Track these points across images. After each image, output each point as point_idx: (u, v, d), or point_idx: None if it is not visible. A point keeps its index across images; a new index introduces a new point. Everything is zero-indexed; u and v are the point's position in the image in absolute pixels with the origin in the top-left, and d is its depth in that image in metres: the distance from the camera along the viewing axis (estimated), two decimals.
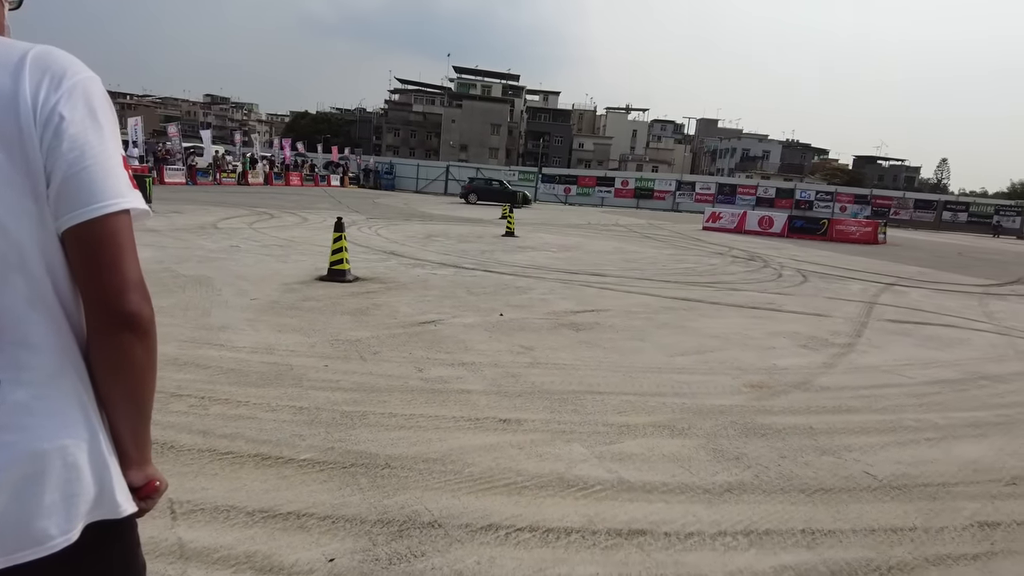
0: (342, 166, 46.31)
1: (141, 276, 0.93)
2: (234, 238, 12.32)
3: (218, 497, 2.86)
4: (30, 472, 0.84)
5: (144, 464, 1.02)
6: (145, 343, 0.93)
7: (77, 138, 0.86)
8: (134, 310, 0.91)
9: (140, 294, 0.92)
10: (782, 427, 4.17)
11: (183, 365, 4.63)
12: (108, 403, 0.95)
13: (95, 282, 0.89)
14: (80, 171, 0.86)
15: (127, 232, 0.92)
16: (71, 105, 0.86)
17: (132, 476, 0.99)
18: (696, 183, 47.38)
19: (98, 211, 0.87)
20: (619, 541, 2.70)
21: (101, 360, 0.92)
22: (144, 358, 0.94)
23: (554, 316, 7.13)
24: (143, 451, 1.01)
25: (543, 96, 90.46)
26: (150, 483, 1.02)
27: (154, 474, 1.03)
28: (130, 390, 0.95)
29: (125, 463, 0.98)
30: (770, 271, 13.07)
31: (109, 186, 0.88)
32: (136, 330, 0.92)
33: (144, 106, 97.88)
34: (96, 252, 0.88)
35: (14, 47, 0.87)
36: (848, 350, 6.47)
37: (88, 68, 0.92)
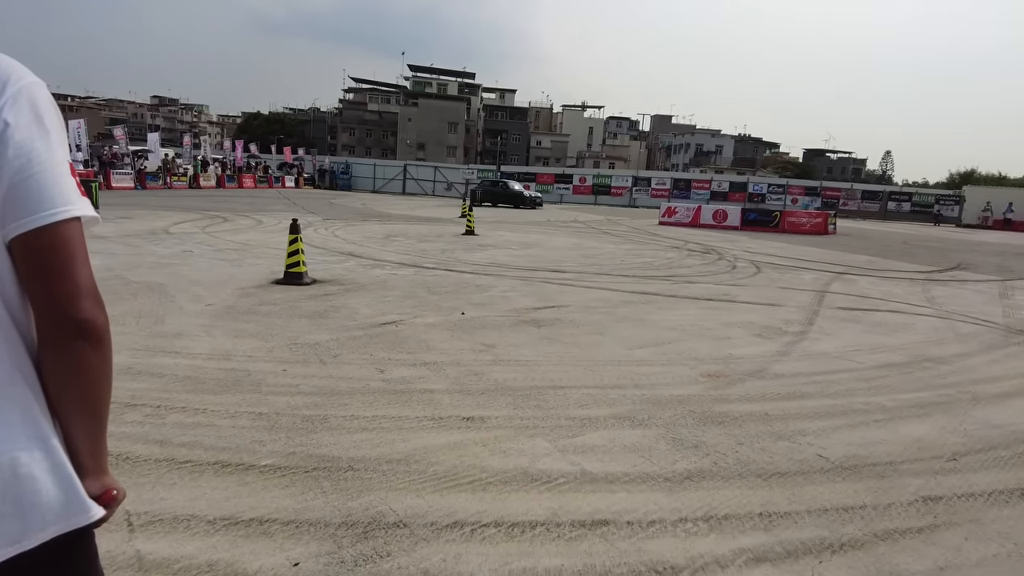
0: (296, 167, 45.51)
1: (94, 283, 0.92)
2: (187, 243, 12.02)
3: (177, 507, 2.81)
4: None
5: (101, 473, 1.00)
6: (100, 351, 0.92)
7: (23, 145, 0.84)
8: (87, 317, 0.90)
9: (93, 301, 0.91)
10: (739, 414, 4.29)
11: (137, 374, 4.51)
12: (62, 413, 0.93)
13: (46, 290, 0.88)
14: (27, 178, 0.84)
15: (78, 239, 0.91)
16: (16, 111, 0.85)
17: (89, 485, 0.97)
18: (652, 179, 48.05)
19: (48, 218, 0.86)
20: (583, 532, 2.75)
21: (54, 370, 0.91)
22: (99, 366, 0.93)
23: (515, 313, 7.17)
24: (99, 460, 1.00)
25: (499, 94, 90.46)
26: (107, 492, 1.01)
27: (111, 483, 1.02)
28: (85, 399, 0.94)
29: (81, 472, 0.96)
30: (725, 263, 13.37)
31: (58, 193, 0.87)
32: (90, 338, 0.91)
33: (87, 108, 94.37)
34: (47, 260, 0.87)
35: None
36: (801, 338, 6.67)
37: (32, 73, 0.90)
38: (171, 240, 12.33)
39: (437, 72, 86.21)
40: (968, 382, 5.39)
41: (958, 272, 14.06)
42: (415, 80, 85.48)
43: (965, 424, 4.37)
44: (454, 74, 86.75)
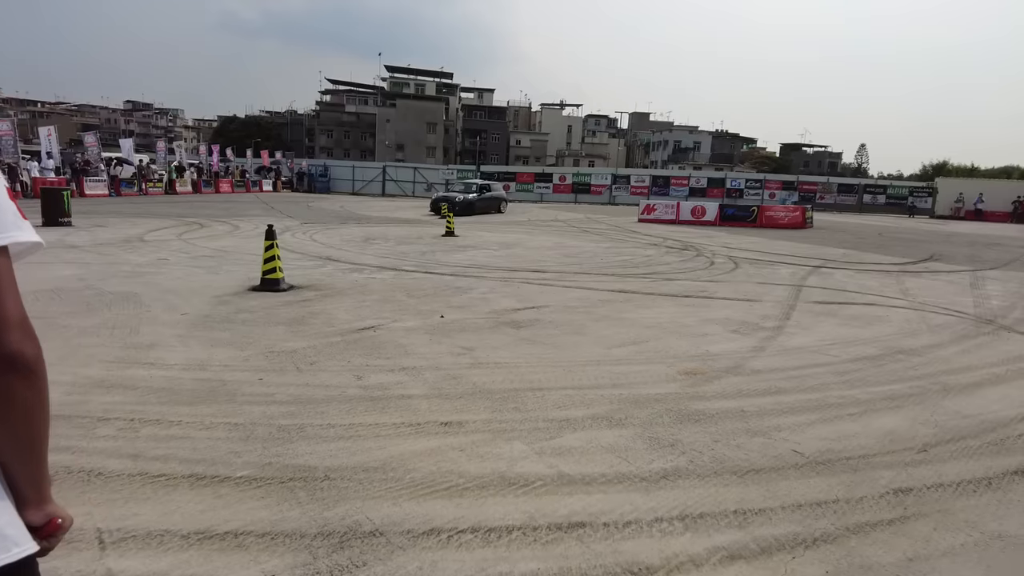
0: (274, 170, 45.08)
1: (22, 313, 0.90)
2: (162, 251, 11.86)
3: (150, 522, 2.78)
4: None
5: (43, 503, 0.99)
6: (30, 382, 0.91)
7: None
8: (14, 350, 0.88)
9: (22, 332, 0.89)
10: (715, 412, 4.33)
11: (110, 387, 4.45)
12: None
13: None
14: None
15: (3, 270, 0.88)
16: None
17: (31, 516, 0.96)
18: (631, 176, 48.21)
19: None
20: (559, 535, 2.76)
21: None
22: (31, 398, 0.91)
23: (495, 315, 7.17)
24: (40, 490, 0.98)
25: (478, 94, 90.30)
26: (51, 522, 1.00)
27: (55, 512, 1.01)
28: (18, 432, 0.92)
29: (22, 503, 0.95)
30: (703, 260, 13.48)
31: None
32: (18, 371, 0.89)
33: (58, 114, 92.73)
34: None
35: None
36: (777, 333, 6.75)
37: None
38: (146, 248, 12.16)
39: (414, 72, 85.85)
40: (940, 373, 5.49)
41: (931, 263, 14.30)
42: (392, 81, 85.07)
43: (936, 415, 4.45)
44: (432, 74, 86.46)
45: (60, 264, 9.78)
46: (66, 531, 1.03)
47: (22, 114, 79.21)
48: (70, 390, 4.34)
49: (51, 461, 2.85)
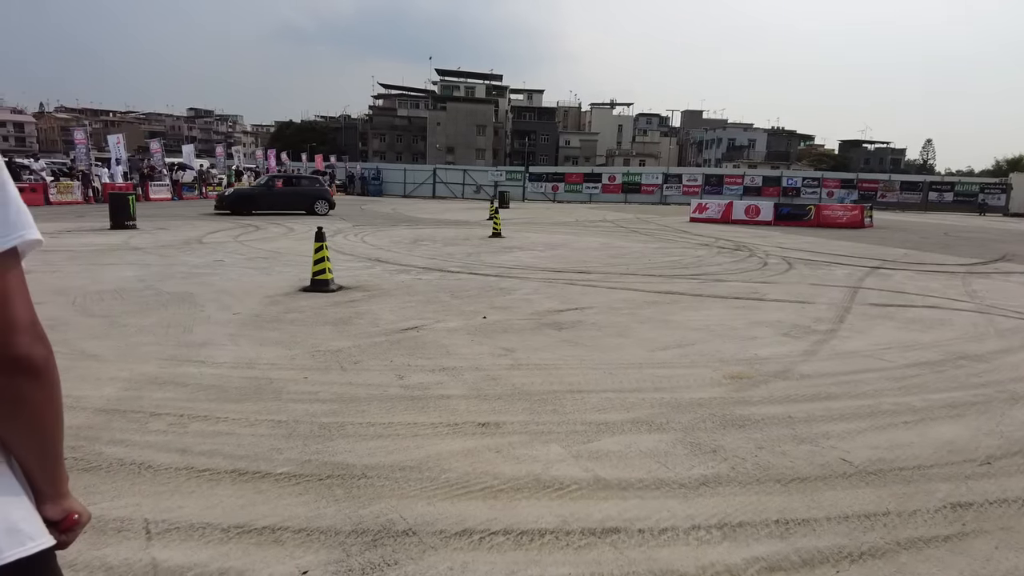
0: (328, 174, 46.19)
1: (32, 317, 0.92)
2: (219, 252, 12.29)
3: (194, 515, 2.86)
4: None
5: (60, 499, 1.02)
6: (40, 384, 0.93)
7: None
8: (23, 353, 0.90)
9: (31, 335, 0.91)
10: (760, 417, 4.20)
11: (163, 384, 4.62)
12: (10, 444, 0.95)
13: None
14: None
15: (12, 274, 0.91)
16: None
17: (48, 511, 0.99)
18: (683, 175, 47.46)
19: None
20: (593, 540, 2.72)
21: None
22: (41, 399, 0.94)
23: (537, 316, 7.14)
24: (57, 486, 1.01)
25: (527, 95, 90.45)
26: (68, 517, 1.03)
27: (72, 507, 1.04)
28: (30, 431, 0.95)
29: (40, 499, 0.98)
30: (755, 260, 13.13)
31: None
32: (28, 372, 0.91)
33: (127, 123, 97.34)
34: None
35: None
36: (830, 336, 6.51)
37: None
38: (204, 250, 12.62)
39: (464, 75, 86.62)
40: (1007, 380, 5.19)
41: (1003, 264, 13.56)
42: (443, 84, 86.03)
43: (1002, 425, 4.20)
44: (481, 76, 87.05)
45: (124, 265, 10.24)
46: (83, 526, 1.06)
47: (95, 123, 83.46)
48: (126, 386, 4.53)
49: (105, 454, 2.99)
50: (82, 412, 3.99)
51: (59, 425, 0.99)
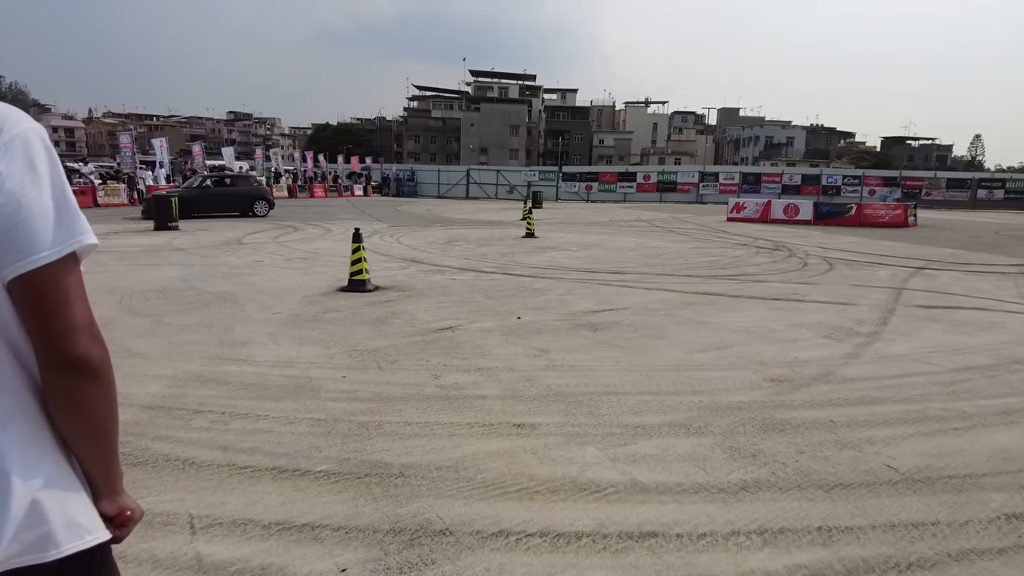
0: (364, 175, 46.77)
1: (89, 318, 0.96)
2: (259, 253, 12.54)
3: (236, 511, 2.93)
4: None
5: (114, 495, 1.05)
6: (97, 384, 0.96)
7: (14, 191, 0.89)
8: (81, 354, 0.94)
9: (88, 336, 0.95)
10: (801, 421, 4.11)
11: (206, 382, 4.73)
12: (69, 442, 0.99)
13: (41, 329, 0.92)
14: (19, 223, 0.89)
15: (71, 276, 0.94)
16: (8, 159, 0.89)
17: (104, 507, 1.03)
18: (720, 174, 46.74)
19: (37, 262, 0.90)
20: (630, 544, 2.69)
21: (54, 403, 0.96)
22: (97, 398, 0.97)
23: (571, 317, 7.12)
24: (112, 483, 1.05)
25: (561, 94, 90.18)
26: (122, 513, 1.06)
27: (126, 504, 1.07)
28: (87, 429, 0.98)
29: (96, 495, 1.02)
30: (795, 260, 12.87)
31: (47, 236, 0.91)
32: (85, 373, 0.95)
33: (170, 126, 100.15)
34: (40, 300, 0.91)
35: None
36: (873, 339, 6.34)
37: (29, 119, 0.94)
38: (244, 250, 12.89)
39: (498, 76, 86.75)
40: None
41: None
42: (477, 85, 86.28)
43: None
44: (515, 77, 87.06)
45: (167, 265, 10.53)
46: (136, 522, 1.10)
47: (140, 128, 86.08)
48: (171, 384, 4.65)
49: (151, 450, 3.07)
50: (129, 408, 4.11)
51: (114, 424, 1.02)
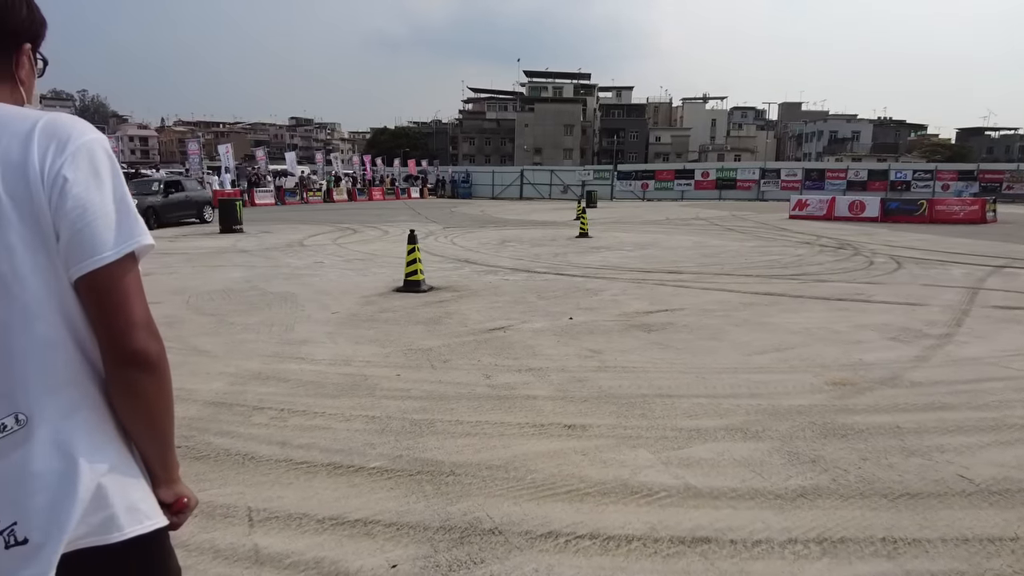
0: (420, 178, 47.51)
1: (148, 315, 1.01)
2: (319, 254, 12.89)
3: (292, 505, 3.01)
4: (60, 496, 0.94)
5: (172, 483, 1.11)
6: (154, 377, 1.02)
7: (80, 197, 0.95)
8: (140, 348, 0.99)
9: (147, 332, 1.00)
10: (865, 427, 3.94)
11: (266, 379, 4.89)
12: (130, 431, 1.05)
13: (104, 325, 0.98)
14: (84, 227, 0.95)
15: (130, 276, 1.00)
16: (74, 167, 0.95)
17: (162, 494, 1.09)
18: (781, 170, 45.37)
19: (100, 262, 0.96)
20: (682, 549, 2.64)
21: (116, 395, 1.02)
22: (155, 390, 1.03)
23: (625, 317, 7.03)
24: (169, 472, 1.11)
25: (616, 92, 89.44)
26: (179, 500, 1.12)
27: (182, 492, 1.12)
28: (146, 420, 1.04)
29: (154, 483, 1.08)
30: (861, 259, 12.36)
31: (109, 237, 0.97)
32: (143, 366, 1.00)
33: (235, 132, 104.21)
34: (102, 298, 0.97)
35: (27, 117, 0.97)
36: (945, 341, 6.02)
37: (93, 130, 1.01)
38: (305, 252, 13.28)
39: (552, 76, 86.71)
40: None
41: None
42: (531, 85, 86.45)
43: None
44: (569, 76, 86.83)
45: (232, 267, 10.95)
46: (192, 510, 1.15)
47: (207, 135, 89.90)
48: (233, 381, 4.83)
49: (213, 444, 3.19)
50: (193, 404, 4.29)
51: (170, 415, 1.07)
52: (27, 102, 1.08)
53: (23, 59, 1.07)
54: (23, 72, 1.07)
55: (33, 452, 0.93)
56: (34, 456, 0.93)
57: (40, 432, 0.94)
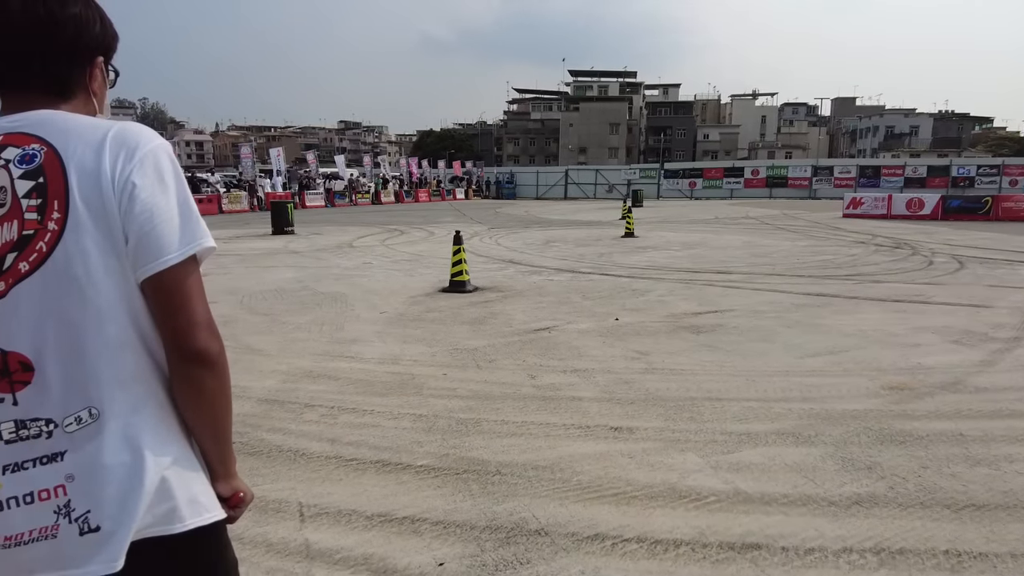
0: (465, 179, 47.86)
1: (208, 315, 1.06)
2: (367, 255, 13.13)
3: (342, 501, 3.07)
4: (129, 487, 0.99)
5: (229, 478, 1.15)
6: (214, 375, 1.06)
7: (147, 202, 0.99)
8: (201, 347, 1.04)
9: (207, 332, 1.04)
10: (925, 433, 3.79)
11: (317, 377, 5.00)
12: (191, 427, 1.09)
13: (167, 324, 1.03)
14: (150, 230, 0.99)
15: (193, 277, 1.04)
16: (142, 173, 1.00)
17: (220, 488, 1.13)
18: (834, 167, 44.06)
19: (164, 264, 1.00)
20: (731, 555, 2.59)
21: (179, 392, 1.06)
22: (215, 388, 1.07)
23: (673, 319, 6.94)
24: (227, 466, 1.15)
25: (663, 90, 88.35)
26: (236, 495, 1.16)
27: (239, 486, 1.16)
28: (206, 416, 1.09)
29: (213, 477, 1.12)
30: (919, 259, 11.90)
31: (173, 240, 1.01)
32: (204, 364, 1.04)
33: (286, 137, 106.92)
34: (166, 298, 1.02)
35: (99, 127, 1.02)
36: (1014, 345, 5.74)
37: (158, 137, 1.06)
38: (354, 253, 13.53)
39: (597, 74, 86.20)
40: None
41: None
42: (576, 84, 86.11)
43: None
44: (615, 75, 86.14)
45: (283, 267, 11.24)
46: (248, 504, 1.19)
47: (259, 139, 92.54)
48: (285, 379, 4.96)
49: (266, 441, 3.28)
50: (247, 401, 4.42)
51: (229, 412, 1.11)
52: (99, 112, 1.14)
53: (96, 72, 1.12)
54: (96, 84, 1.12)
55: (105, 445, 0.98)
56: (105, 449, 0.98)
57: (111, 426, 0.99)
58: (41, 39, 1.03)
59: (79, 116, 1.05)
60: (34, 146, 0.99)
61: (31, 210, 0.96)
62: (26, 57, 1.03)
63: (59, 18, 1.03)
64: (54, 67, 1.06)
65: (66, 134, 1.00)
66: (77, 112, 1.08)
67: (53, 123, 1.02)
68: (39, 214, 0.96)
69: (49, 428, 0.97)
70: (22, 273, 0.96)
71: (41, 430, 0.97)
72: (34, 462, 0.97)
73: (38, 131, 1.01)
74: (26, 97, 1.05)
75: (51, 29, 1.03)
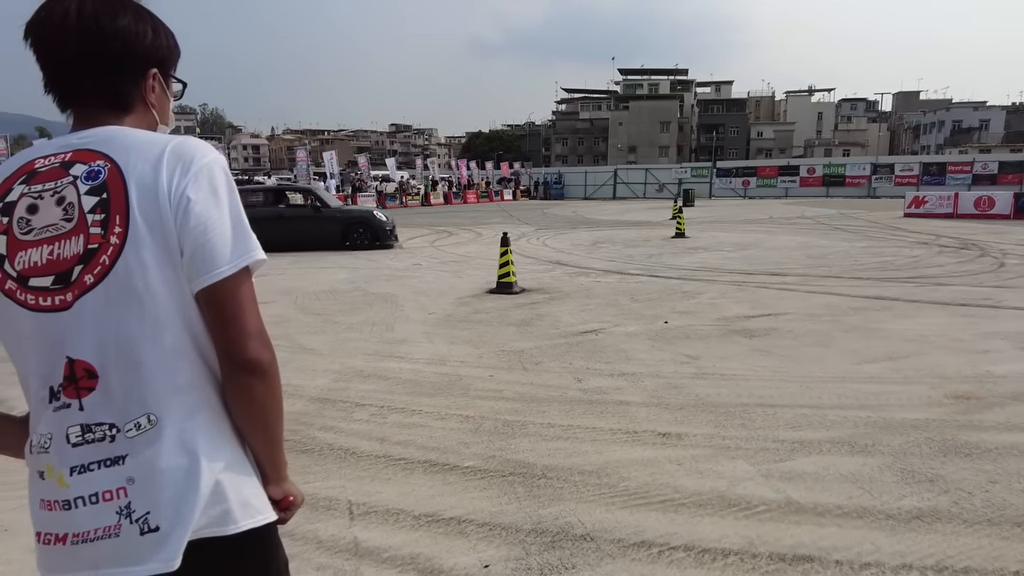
0: (513, 180, 47.96)
1: (260, 325, 1.09)
2: (417, 256, 13.31)
3: (390, 500, 3.13)
4: (185, 490, 1.03)
5: (281, 481, 1.19)
6: (266, 383, 1.09)
7: (201, 215, 1.03)
8: (253, 356, 1.07)
9: (259, 342, 1.07)
10: (994, 446, 3.61)
11: (367, 377, 5.11)
12: (243, 432, 1.13)
13: (221, 334, 1.06)
14: (204, 243, 1.03)
15: (245, 288, 1.07)
16: (196, 187, 1.04)
17: (271, 491, 1.16)
18: (895, 164, 42.34)
19: (218, 275, 1.04)
20: (782, 566, 2.52)
21: (231, 399, 1.10)
22: (266, 395, 1.10)
23: (724, 322, 6.80)
24: (278, 470, 1.18)
25: (715, 87, 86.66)
26: (286, 498, 1.19)
27: (290, 490, 1.20)
28: (257, 422, 1.12)
29: (265, 481, 1.15)
30: (988, 260, 11.33)
31: (226, 252, 1.05)
32: (256, 373, 1.08)
33: (339, 140, 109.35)
34: (220, 309, 1.05)
35: (157, 142, 1.07)
36: None
37: (212, 151, 1.09)
38: (404, 254, 13.74)
39: (647, 72, 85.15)
40: None
41: None
42: (626, 83, 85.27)
43: None
44: (665, 72, 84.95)
45: (336, 268, 11.50)
46: (298, 507, 1.23)
47: (313, 142, 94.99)
48: (337, 378, 5.07)
49: (318, 439, 3.37)
50: (300, 400, 4.54)
51: (280, 418, 1.15)
52: (160, 123, 1.18)
53: (153, 83, 1.15)
54: (153, 96, 1.16)
55: (162, 450, 1.02)
56: (163, 453, 1.02)
57: (168, 431, 1.03)
58: (90, 55, 1.06)
59: (140, 131, 1.09)
60: (99, 162, 1.04)
61: (95, 224, 1.01)
62: (78, 72, 1.07)
63: (108, 32, 1.06)
64: (106, 80, 1.09)
65: (127, 150, 1.05)
66: (138, 124, 1.12)
67: (116, 139, 1.06)
68: (102, 228, 1.01)
69: (112, 432, 1.02)
70: (87, 285, 1.01)
71: (105, 434, 1.02)
72: (98, 464, 1.02)
73: (103, 148, 1.05)
74: (89, 111, 1.10)
75: (100, 43, 1.06)
